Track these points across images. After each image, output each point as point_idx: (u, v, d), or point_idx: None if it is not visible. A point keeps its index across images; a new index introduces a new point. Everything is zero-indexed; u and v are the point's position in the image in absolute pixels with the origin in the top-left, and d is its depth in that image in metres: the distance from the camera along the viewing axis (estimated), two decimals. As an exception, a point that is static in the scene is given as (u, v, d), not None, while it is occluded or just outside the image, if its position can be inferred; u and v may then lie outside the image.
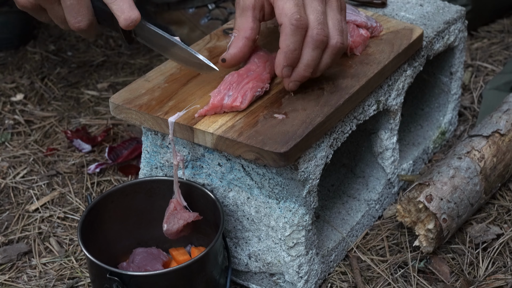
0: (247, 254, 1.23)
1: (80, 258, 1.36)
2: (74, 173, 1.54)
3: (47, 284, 1.31)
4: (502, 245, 1.33)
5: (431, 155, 1.56)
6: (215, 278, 1.16)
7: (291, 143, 1.09)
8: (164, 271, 1.11)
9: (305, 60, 1.14)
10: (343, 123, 1.22)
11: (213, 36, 1.36)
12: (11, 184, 1.52)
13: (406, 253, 1.33)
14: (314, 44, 1.13)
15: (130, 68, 1.88)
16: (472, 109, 1.69)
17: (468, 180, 1.32)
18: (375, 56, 1.28)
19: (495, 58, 1.87)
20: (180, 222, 1.16)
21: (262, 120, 1.14)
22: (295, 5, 1.12)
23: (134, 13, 1.15)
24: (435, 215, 1.27)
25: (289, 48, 1.12)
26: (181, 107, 1.17)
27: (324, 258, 1.26)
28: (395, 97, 1.34)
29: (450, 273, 1.29)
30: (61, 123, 1.69)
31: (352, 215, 1.36)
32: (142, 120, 1.18)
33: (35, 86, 1.81)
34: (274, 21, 1.28)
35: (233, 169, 1.18)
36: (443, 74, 1.54)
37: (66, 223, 1.43)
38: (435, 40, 1.41)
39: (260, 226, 1.20)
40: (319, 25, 1.12)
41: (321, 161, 1.17)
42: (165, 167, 1.25)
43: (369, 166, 1.41)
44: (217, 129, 1.12)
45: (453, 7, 1.48)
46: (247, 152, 1.10)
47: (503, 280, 1.26)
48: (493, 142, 1.38)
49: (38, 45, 1.96)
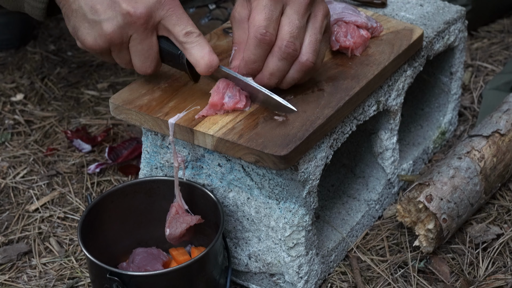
0: (247, 254, 1.23)
1: (80, 258, 1.36)
2: (74, 173, 1.54)
3: (47, 284, 1.31)
4: (502, 245, 1.33)
5: (431, 155, 1.56)
6: (215, 278, 1.16)
7: (292, 146, 1.08)
8: (164, 271, 1.11)
9: (269, 69, 1.13)
10: (343, 123, 1.22)
11: (213, 35, 1.36)
12: (11, 184, 1.52)
13: (406, 253, 1.33)
14: (280, 55, 1.12)
15: (130, 68, 1.88)
16: (472, 109, 1.69)
17: (468, 180, 1.32)
18: (375, 57, 1.28)
19: (495, 58, 1.87)
20: (183, 225, 1.16)
21: (262, 122, 1.14)
22: (265, 19, 1.11)
23: (215, 58, 1.13)
24: (435, 215, 1.27)
25: (250, 58, 1.13)
26: (181, 108, 1.17)
27: (324, 258, 1.26)
28: (395, 97, 1.34)
29: (450, 273, 1.29)
30: (61, 123, 1.69)
31: (352, 215, 1.36)
32: (142, 121, 1.18)
33: (35, 86, 1.81)
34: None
35: (233, 169, 1.18)
36: (443, 74, 1.54)
37: (66, 223, 1.43)
38: (435, 40, 1.41)
39: (260, 226, 1.20)
40: (291, 38, 1.11)
41: (321, 161, 1.17)
42: (165, 167, 1.25)
43: (369, 166, 1.41)
44: (217, 131, 1.12)
45: (453, 7, 1.48)
46: (247, 155, 1.10)
47: (503, 280, 1.26)
48: (493, 142, 1.38)
49: (38, 45, 1.96)
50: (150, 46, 1.13)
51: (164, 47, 1.15)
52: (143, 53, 1.14)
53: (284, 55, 1.12)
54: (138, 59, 1.15)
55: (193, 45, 1.12)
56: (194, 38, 1.12)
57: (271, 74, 1.14)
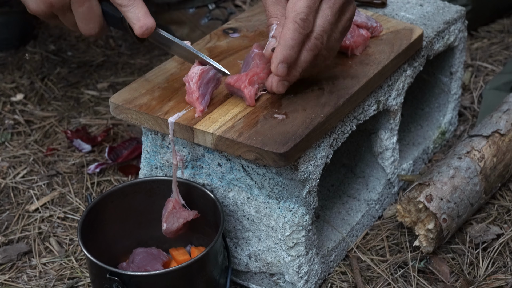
0: (247, 254, 1.23)
1: (80, 258, 1.36)
2: (74, 173, 1.54)
3: (47, 284, 1.31)
4: (502, 245, 1.33)
5: (431, 155, 1.56)
6: (215, 278, 1.16)
7: (291, 143, 1.09)
8: (164, 271, 1.11)
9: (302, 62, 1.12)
10: (343, 123, 1.22)
11: (213, 36, 1.36)
12: (11, 184, 1.52)
13: (406, 253, 1.33)
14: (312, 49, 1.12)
15: (130, 68, 1.88)
16: (472, 109, 1.69)
17: (468, 180, 1.32)
18: (375, 56, 1.28)
19: (495, 58, 1.87)
20: (180, 220, 1.16)
21: (262, 120, 1.14)
22: (307, 6, 1.11)
23: (150, 20, 1.15)
24: (435, 215, 1.27)
25: (288, 43, 1.10)
26: (181, 107, 1.17)
27: (324, 258, 1.26)
28: (395, 97, 1.34)
29: (450, 273, 1.29)
30: (61, 123, 1.69)
31: (352, 215, 1.36)
32: (142, 120, 1.18)
33: (35, 86, 1.81)
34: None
35: (233, 169, 1.18)
36: (443, 74, 1.54)
37: (66, 223, 1.43)
38: (435, 40, 1.42)
39: (260, 226, 1.20)
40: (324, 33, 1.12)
41: (321, 161, 1.17)
42: (165, 167, 1.25)
43: (369, 166, 1.41)
44: (217, 129, 1.12)
45: (453, 7, 1.48)
46: (247, 152, 1.10)
47: (503, 280, 1.26)
48: (493, 142, 1.38)
49: (38, 45, 1.96)
50: (90, 8, 1.17)
51: (107, 10, 1.19)
52: (84, 16, 1.18)
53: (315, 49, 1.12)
54: (81, 22, 1.19)
55: (129, 8, 1.15)
56: (129, 1, 1.15)
57: (301, 67, 1.13)
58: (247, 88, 1.16)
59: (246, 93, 1.15)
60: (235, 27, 1.39)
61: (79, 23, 1.19)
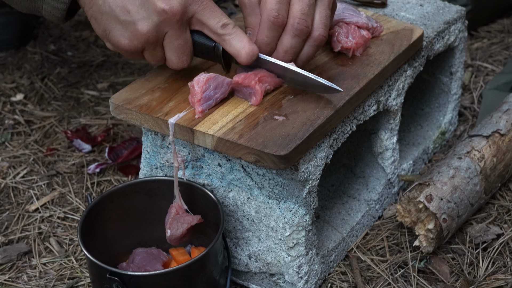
0: (247, 254, 1.23)
1: (80, 258, 1.36)
2: (74, 173, 1.54)
3: (47, 284, 1.31)
4: (502, 245, 1.33)
5: (431, 155, 1.56)
6: (215, 278, 1.16)
7: (292, 145, 1.08)
8: (164, 271, 1.11)
9: (284, 46, 1.16)
10: (343, 123, 1.22)
11: (213, 36, 1.36)
12: (11, 184, 1.52)
13: (406, 253, 1.33)
14: (293, 32, 1.15)
15: (130, 68, 1.88)
16: (472, 109, 1.69)
17: (468, 180, 1.32)
18: (375, 57, 1.28)
19: (495, 58, 1.86)
20: (184, 226, 1.16)
21: (263, 122, 1.14)
22: (277, 2, 1.14)
23: (255, 48, 1.15)
24: (435, 215, 1.27)
25: (263, 41, 1.16)
26: (181, 107, 1.17)
27: (324, 258, 1.26)
28: (395, 97, 1.34)
29: (450, 273, 1.29)
30: (61, 123, 1.69)
31: (352, 215, 1.36)
32: (142, 121, 1.18)
33: (35, 86, 1.81)
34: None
35: (233, 169, 1.18)
36: (443, 74, 1.54)
37: (66, 223, 1.43)
38: (435, 40, 1.41)
39: (260, 226, 1.20)
40: (302, 15, 1.14)
41: (321, 161, 1.17)
42: (165, 167, 1.25)
43: (369, 166, 1.41)
44: (217, 130, 1.12)
45: (453, 7, 1.48)
46: (248, 155, 1.10)
47: (503, 280, 1.26)
48: (493, 142, 1.38)
49: (38, 45, 1.96)
50: (185, 41, 1.15)
51: (198, 40, 1.17)
52: (179, 49, 1.15)
53: (297, 32, 1.15)
54: (174, 55, 1.16)
55: (232, 36, 1.14)
56: (231, 29, 1.14)
57: (285, 52, 1.16)
58: (258, 84, 1.16)
59: (258, 88, 1.16)
60: (235, 27, 1.39)
61: (171, 56, 1.16)
